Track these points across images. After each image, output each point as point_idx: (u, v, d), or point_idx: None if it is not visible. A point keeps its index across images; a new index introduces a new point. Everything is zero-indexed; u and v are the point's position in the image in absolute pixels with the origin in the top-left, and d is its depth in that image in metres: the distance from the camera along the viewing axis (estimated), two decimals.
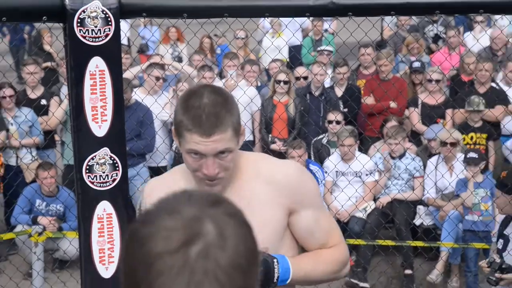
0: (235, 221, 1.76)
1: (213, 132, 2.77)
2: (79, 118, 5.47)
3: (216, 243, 1.62)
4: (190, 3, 7.29)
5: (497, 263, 5.93)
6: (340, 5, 5.90)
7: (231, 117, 2.83)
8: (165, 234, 1.61)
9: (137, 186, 8.52)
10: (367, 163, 8.62)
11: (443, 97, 9.47)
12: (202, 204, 1.76)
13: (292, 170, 2.98)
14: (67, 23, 5.35)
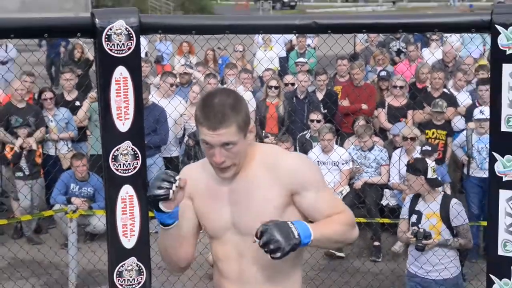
0: None
1: (218, 127, 2.81)
2: (106, 116, 5.54)
3: None
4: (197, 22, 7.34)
5: (421, 232, 6.06)
6: (321, 25, 5.95)
7: (237, 116, 2.84)
8: None
9: (153, 172, 8.60)
10: (343, 154, 8.71)
11: (405, 100, 9.54)
12: None
13: (291, 159, 2.99)
14: (97, 38, 5.43)
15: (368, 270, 7.97)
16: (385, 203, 8.68)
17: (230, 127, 2.83)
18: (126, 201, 5.66)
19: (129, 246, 5.69)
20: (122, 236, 5.68)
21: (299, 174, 2.90)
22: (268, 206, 2.83)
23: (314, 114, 9.21)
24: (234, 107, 2.88)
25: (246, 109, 2.96)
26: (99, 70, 5.59)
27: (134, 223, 5.68)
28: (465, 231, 6.12)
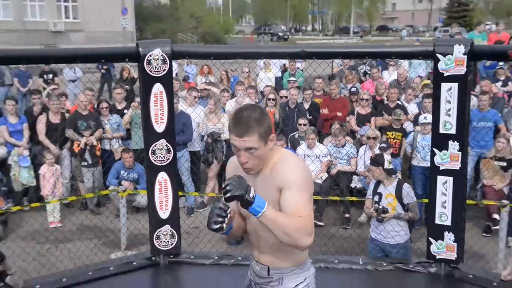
0: None
1: (242, 135, 2.78)
2: (147, 121, 5.60)
3: None
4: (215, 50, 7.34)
5: (381, 209, 6.15)
6: (307, 52, 5.98)
7: (259, 127, 2.79)
8: None
9: (182, 163, 8.63)
10: (323, 149, 8.73)
11: (369, 109, 9.54)
12: None
13: (283, 166, 2.87)
14: (140, 62, 5.48)
15: (341, 235, 7.99)
16: (354, 186, 8.75)
17: (253, 136, 2.79)
18: (162, 184, 5.73)
19: (164, 217, 5.76)
20: (159, 210, 5.75)
21: (285, 175, 2.84)
22: (267, 198, 2.75)
23: (301, 120, 9.23)
24: (257, 120, 2.83)
25: (269, 122, 2.90)
26: (142, 86, 5.65)
27: (168, 200, 5.74)
28: (413, 207, 6.20)
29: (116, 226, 7.82)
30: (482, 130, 8.68)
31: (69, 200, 8.96)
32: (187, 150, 9.03)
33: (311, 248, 2.97)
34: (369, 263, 5.78)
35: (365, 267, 5.71)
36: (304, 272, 3.05)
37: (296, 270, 3.02)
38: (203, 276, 5.59)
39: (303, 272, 3.04)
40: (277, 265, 3.03)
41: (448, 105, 5.27)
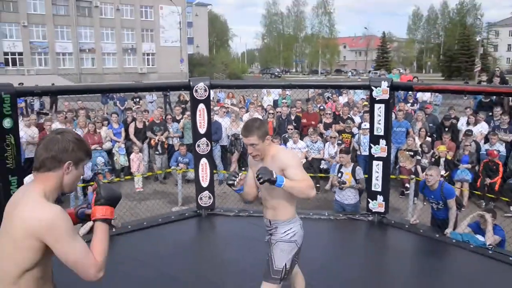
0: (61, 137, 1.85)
1: (246, 135, 2.84)
2: (195, 126, 5.52)
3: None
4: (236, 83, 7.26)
5: (342, 181, 6.11)
6: (293, 85, 5.90)
7: (257, 131, 2.81)
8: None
9: (216, 153, 8.58)
10: (303, 144, 8.67)
11: (331, 119, 9.47)
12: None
13: (282, 155, 2.87)
14: (190, 91, 5.42)
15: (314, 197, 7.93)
16: (322, 167, 8.63)
17: (253, 136, 2.82)
18: (203, 165, 5.65)
19: (204, 186, 5.68)
20: (202, 181, 5.67)
21: (285, 160, 2.84)
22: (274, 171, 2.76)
23: (289, 126, 9.17)
24: (256, 127, 2.84)
25: (265, 128, 2.89)
26: (191, 106, 5.57)
27: (207, 175, 5.66)
28: (362, 180, 6.10)
29: (175, 191, 7.79)
30: (399, 133, 8.66)
31: (147, 174, 8.91)
32: (219, 145, 8.99)
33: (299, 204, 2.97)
34: (331, 215, 5.74)
35: (329, 217, 5.66)
36: (291, 224, 2.97)
37: (286, 222, 2.96)
38: (228, 222, 5.55)
39: (291, 224, 2.97)
40: (274, 219, 2.99)
41: (379, 117, 5.21)
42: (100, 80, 40.26)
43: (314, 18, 69.92)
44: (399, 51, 72.25)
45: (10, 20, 37.99)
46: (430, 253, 4.64)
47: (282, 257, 2.91)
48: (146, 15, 45.18)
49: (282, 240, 2.94)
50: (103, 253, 1.85)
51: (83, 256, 1.77)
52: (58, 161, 1.83)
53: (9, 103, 4.06)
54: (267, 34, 74.60)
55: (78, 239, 1.77)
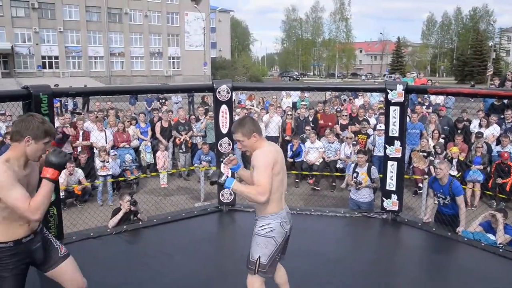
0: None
1: (233, 132, 2.90)
2: (217, 126, 5.55)
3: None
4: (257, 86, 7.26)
5: (358, 181, 6.01)
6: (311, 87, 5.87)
7: (242, 128, 2.81)
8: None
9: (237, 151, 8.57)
10: (320, 144, 8.61)
11: (347, 121, 9.39)
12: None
13: (254, 154, 2.81)
14: (214, 92, 5.44)
15: (330, 195, 7.89)
16: (338, 166, 8.55)
17: (238, 133, 2.85)
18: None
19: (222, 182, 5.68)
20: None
21: (254, 160, 2.78)
22: (251, 167, 2.83)
23: (307, 126, 9.12)
24: (241, 124, 2.85)
25: (249, 126, 2.85)
26: (214, 107, 5.58)
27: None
28: (377, 180, 6.01)
29: (198, 188, 7.82)
30: (413, 134, 8.55)
31: (172, 171, 8.97)
32: None
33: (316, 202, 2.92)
34: (347, 212, 5.68)
35: (344, 215, 5.61)
36: (269, 220, 2.86)
37: (264, 217, 2.88)
38: (248, 218, 5.54)
39: (269, 220, 2.86)
40: (256, 212, 2.97)
41: (394, 119, 5.15)
42: (129, 82, 40.73)
43: (332, 24, 69.40)
44: (413, 55, 71.29)
45: (48, 26, 38.74)
46: (441, 251, 4.57)
47: (256, 250, 2.87)
48: (172, 21, 45.51)
49: (258, 234, 2.89)
50: (38, 202, 2.24)
51: (17, 200, 2.21)
52: (20, 135, 2.32)
53: (47, 103, 4.13)
54: (286, 39, 74.37)
55: (16, 189, 2.22)
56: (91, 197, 7.69)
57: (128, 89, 8.92)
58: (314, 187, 8.22)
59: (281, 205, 2.92)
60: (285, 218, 2.93)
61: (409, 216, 5.73)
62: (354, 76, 67.08)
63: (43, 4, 38.33)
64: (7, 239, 2.37)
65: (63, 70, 39.39)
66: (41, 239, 2.57)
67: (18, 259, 2.40)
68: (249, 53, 74.73)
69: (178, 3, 45.11)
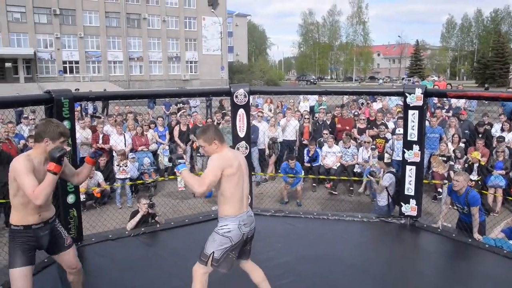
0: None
1: (197, 139, 3.19)
2: (234, 130, 5.57)
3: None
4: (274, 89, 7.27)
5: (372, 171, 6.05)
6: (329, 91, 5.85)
7: (204, 135, 3.04)
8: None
9: (254, 155, 8.55)
10: (337, 149, 8.56)
11: (365, 125, 9.30)
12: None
13: (211, 157, 3.03)
14: (231, 96, 5.46)
15: (347, 200, 7.82)
16: (355, 170, 8.47)
17: (200, 139, 3.09)
18: None
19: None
20: None
21: (208, 161, 3.04)
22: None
23: (325, 130, 9.08)
24: (204, 132, 3.10)
25: (211, 134, 3.06)
26: (232, 111, 5.60)
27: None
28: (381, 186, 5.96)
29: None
30: (432, 139, 8.43)
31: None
32: (257, 147, 8.97)
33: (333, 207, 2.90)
34: (364, 217, 5.63)
35: (362, 219, 5.57)
36: (228, 221, 3.06)
37: (223, 218, 3.08)
38: (265, 222, 5.54)
39: (227, 221, 3.06)
40: (218, 214, 3.14)
41: (412, 123, 5.10)
42: (147, 86, 41.17)
43: (349, 27, 69.06)
44: (432, 58, 70.40)
45: (69, 32, 39.48)
46: (462, 257, 4.49)
47: (212, 246, 3.06)
48: (190, 26, 45.89)
49: (216, 232, 3.08)
50: (41, 189, 2.68)
51: (28, 187, 2.67)
52: (41, 137, 2.85)
53: (68, 107, 4.21)
54: (303, 43, 74.20)
55: (28, 178, 2.69)
56: (110, 200, 7.78)
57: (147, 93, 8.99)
58: (332, 191, 8.17)
59: (241, 208, 3.08)
60: (244, 221, 3.10)
61: (428, 221, 5.65)
62: (372, 79, 66.59)
63: (64, 11, 39.09)
64: (19, 223, 2.85)
65: (83, 74, 40.05)
66: (49, 228, 2.99)
67: (25, 240, 2.85)
68: (266, 57, 74.84)
69: (196, 8, 45.49)
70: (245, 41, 57.65)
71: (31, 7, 37.32)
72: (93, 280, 3.90)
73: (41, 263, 4.03)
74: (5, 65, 36.87)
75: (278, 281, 3.86)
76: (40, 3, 37.77)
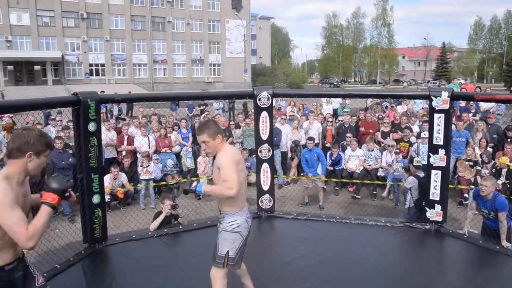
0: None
1: (198, 134, 3.05)
2: (257, 132, 5.59)
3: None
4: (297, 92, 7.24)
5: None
6: (353, 94, 5.80)
7: (207, 130, 2.98)
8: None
9: (276, 158, 8.54)
10: (360, 152, 8.45)
11: (389, 128, 9.18)
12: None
13: (218, 156, 3.00)
14: (254, 99, 5.48)
15: (370, 204, 7.73)
16: (379, 174, 8.35)
17: (204, 135, 3.01)
18: (265, 170, 5.68)
19: (265, 189, 5.70)
20: (263, 185, 5.69)
21: (219, 161, 2.97)
22: (215, 170, 3.01)
23: (348, 134, 9.00)
24: (207, 126, 3.03)
25: (214, 128, 3.02)
26: (255, 113, 5.61)
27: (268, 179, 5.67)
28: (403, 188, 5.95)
29: None
30: (458, 143, 8.27)
31: (211, 177, 9.01)
32: (279, 150, 8.96)
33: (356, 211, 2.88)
34: (388, 221, 5.57)
35: (385, 224, 5.50)
36: (236, 216, 3.06)
37: (231, 214, 3.07)
38: (287, 224, 5.54)
39: (236, 216, 3.06)
40: (223, 210, 3.11)
41: (438, 127, 5.01)
42: (171, 89, 41.65)
43: (373, 30, 68.26)
44: (459, 61, 68.99)
45: (96, 35, 40.33)
46: (489, 265, 4.37)
47: (225, 245, 3.05)
48: (214, 29, 46.25)
49: (225, 230, 3.06)
50: (36, 228, 2.05)
51: (15, 224, 2.01)
52: (21, 152, 2.15)
53: (94, 109, 4.31)
54: (327, 45, 73.79)
55: (15, 211, 2.03)
56: (134, 201, 7.89)
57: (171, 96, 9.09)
58: (355, 195, 8.09)
59: (244, 203, 3.14)
60: (248, 214, 3.15)
61: (454, 227, 5.53)
62: (397, 82, 65.71)
63: (91, 14, 39.95)
64: None
65: (109, 77, 40.81)
66: (23, 267, 2.31)
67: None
68: (289, 59, 74.77)
69: (220, 11, 45.82)
70: (269, 43, 57.73)
71: (59, 11, 38.28)
72: (116, 279, 3.97)
73: None
74: (34, 68, 37.92)
75: (300, 284, 3.85)
76: (68, 7, 38.72)
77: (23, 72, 37.67)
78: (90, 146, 4.38)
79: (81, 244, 4.70)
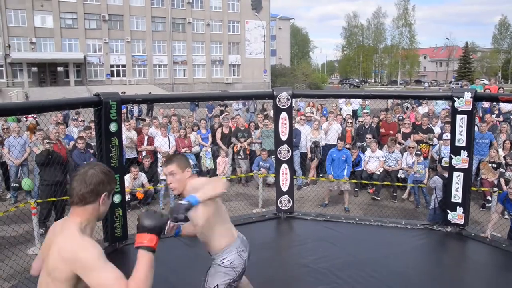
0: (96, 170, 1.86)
1: (166, 164, 2.68)
2: (277, 133, 5.60)
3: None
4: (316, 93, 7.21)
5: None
6: (373, 95, 5.74)
7: (178, 160, 2.68)
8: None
9: (296, 159, 8.51)
10: (380, 154, 8.37)
11: (410, 129, 9.04)
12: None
13: (196, 181, 2.68)
14: (274, 100, 5.49)
15: (390, 206, 7.64)
16: (399, 176, 8.24)
17: (173, 164, 2.67)
18: (284, 171, 5.68)
19: (284, 190, 5.71)
20: (282, 185, 5.70)
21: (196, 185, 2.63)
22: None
23: (368, 135, 8.92)
24: (177, 157, 2.76)
25: (185, 160, 2.73)
26: (274, 114, 5.63)
27: (287, 180, 5.67)
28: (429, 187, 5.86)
29: (256, 194, 7.86)
30: (482, 145, 8.12)
31: (231, 177, 9.08)
32: (299, 151, 8.93)
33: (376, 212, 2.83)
34: (408, 224, 5.51)
35: (406, 226, 5.44)
36: (225, 254, 2.80)
37: (219, 253, 2.81)
38: (306, 225, 5.53)
39: (225, 254, 2.80)
40: (212, 252, 2.86)
41: (460, 128, 4.94)
42: (190, 89, 41.98)
43: (394, 30, 67.41)
44: (482, 61, 67.63)
45: (117, 37, 40.97)
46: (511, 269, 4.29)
47: (215, 278, 2.81)
48: (233, 30, 46.44)
49: (220, 265, 2.82)
50: (142, 281, 1.72)
51: (111, 283, 1.66)
52: (96, 194, 1.83)
53: (115, 110, 4.38)
54: (347, 46, 73.24)
55: (107, 268, 1.69)
56: (154, 200, 7.99)
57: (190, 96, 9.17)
58: (374, 196, 8.01)
59: (232, 235, 2.87)
60: (241, 246, 2.87)
61: (476, 230, 5.44)
62: (418, 83, 64.83)
63: (113, 16, 40.59)
64: None
65: (130, 78, 41.37)
66: None
67: None
68: (308, 60, 74.47)
69: (239, 12, 45.98)
70: (288, 44, 57.65)
71: (82, 13, 39.00)
72: None
73: None
74: (57, 69, 38.71)
75: (318, 285, 3.84)
76: (91, 10, 39.42)
77: (47, 74, 38.49)
78: (111, 146, 4.45)
79: (102, 243, 4.77)
